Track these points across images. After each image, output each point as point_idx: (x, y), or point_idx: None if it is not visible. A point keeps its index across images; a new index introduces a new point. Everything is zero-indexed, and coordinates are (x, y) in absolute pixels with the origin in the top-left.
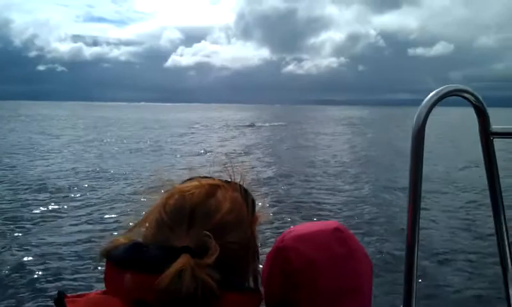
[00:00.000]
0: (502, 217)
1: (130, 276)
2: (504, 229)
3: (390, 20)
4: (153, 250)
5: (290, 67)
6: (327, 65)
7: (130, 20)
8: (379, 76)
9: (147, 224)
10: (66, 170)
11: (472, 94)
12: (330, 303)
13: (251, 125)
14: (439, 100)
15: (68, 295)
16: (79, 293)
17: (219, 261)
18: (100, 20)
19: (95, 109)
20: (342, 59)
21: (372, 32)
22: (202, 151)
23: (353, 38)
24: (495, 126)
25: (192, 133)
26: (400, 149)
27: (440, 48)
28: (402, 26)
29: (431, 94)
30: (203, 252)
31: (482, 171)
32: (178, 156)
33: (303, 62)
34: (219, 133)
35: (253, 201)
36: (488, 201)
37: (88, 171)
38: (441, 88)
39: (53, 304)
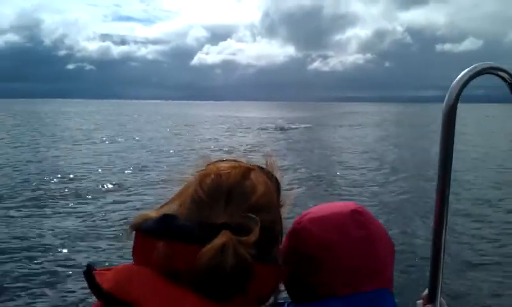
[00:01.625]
0: None
1: (164, 245)
2: None
3: (417, 16)
4: (190, 222)
5: (316, 64)
6: (353, 61)
7: (157, 18)
8: (407, 72)
9: (179, 203)
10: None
11: (507, 72)
12: (347, 285)
13: (281, 128)
14: (472, 78)
15: (97, 268)
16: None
17: (255, 239)
18: (128, 19)
19: (130, 106)
20: (369, 56)
21: (399, 28)
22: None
23: (380, 35)
24: None
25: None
26: (430, 153)
27: (468, 44)
28: (429, 22)
29: (464, 71)
30: (241, 230)
31: None
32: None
33: (329, 59)
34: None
35: (279, 187)
36: None
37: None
38: (474, 66)
39: (83, 277)
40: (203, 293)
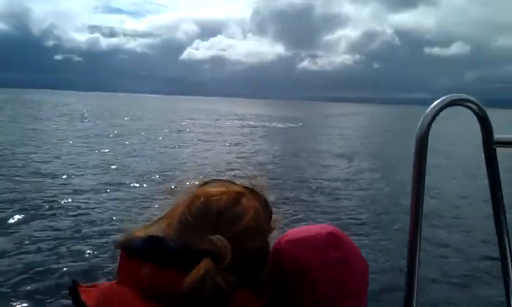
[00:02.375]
0: (504, 227)
1: (148, 268)
2: (506, 238)
3: (406, 18)
4: (174, 246)
5: (305, 63)
6: (342, 62)
7: (147, 11)
8: (395, 74)
9: (167, 222)
10: (85, 161)
11: (475, 104)
12: (325, 305)
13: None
14: (442, 109)
15: (82, 284)
16: (92, 283)
17: (238, 265)
18: (118, 11)
19: (122, 99)
20: (357, 57)
21: (388, 30)
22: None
23: (369, 36)
24: (498, 136)
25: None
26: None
27: (456, 48)
28: (418, 25)
29: (435, 103)
30: (224, 256)
31: (485, 181)
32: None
33: (318, 59)
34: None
35: (271, 213)
36: (490, 210)
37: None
38: (444, 97)
39: (67, 292)
40: None
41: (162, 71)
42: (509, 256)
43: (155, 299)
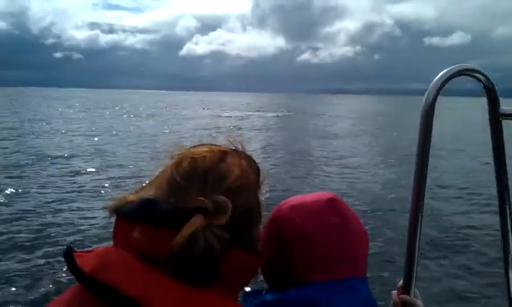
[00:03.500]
0: (507, 202)
1: (141, 229)
2: (509, 215)
3: (406, 9)
4: (166, 207)
5: (305, 56)
6: (342, 54)
7: (146, 7)
8: (395, 65)
9: (156, 186)
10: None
11: (482, 74)
12: (322, 271)
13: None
14: (449, 80)
15: (77, 250)
16: (87, 248)
17: (229, 223)
18: (117, 7)
19: (126, 95)
20: (358, 48)
21: (388, 21)
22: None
23: (369, 27)
24: (505, 108)
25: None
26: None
27: (456, 38)
28: (418, 16)
29: (441, 73)
30: (215, 213)
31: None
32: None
33: (318, 51)
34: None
35: (258, 169)
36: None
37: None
38: (451, 67)
39: (63, 258)
40: (181, 278)
41: (162, 67)
42: (510, 231)
43: (151, 260)
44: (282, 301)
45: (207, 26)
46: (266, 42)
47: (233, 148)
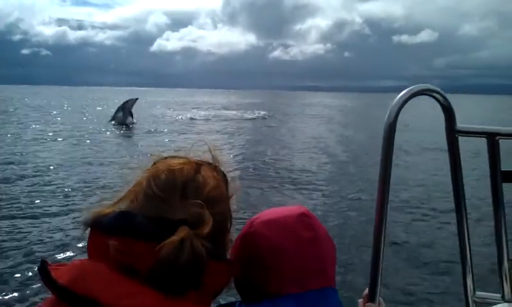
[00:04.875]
0: (463, 210)
1: (120, 242)
2: (465, 222)
3: (375, 7)
4: (144, 219)
5: (277, 53)
6: (313, 51)
7: (115, 3)
8: (365, 63)
9: (132, 198)
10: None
11: (440, 94)
12: (295, 284)
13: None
14: (409, 99)
15: (51, 263)
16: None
17: (209, 232)
18: (85, 3)
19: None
20: (329, 46)
21: (358, 19)
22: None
23: (339, 25)
24: (460, 125)
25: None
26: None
27: (424, 36)
28: (387, 14)
29: (401, 93)
30: (197, 223)
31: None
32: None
33: (289, 48)
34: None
35: (227, 181)
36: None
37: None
38: (411, 88)
39: (37, 271)
40: (159, 288)
41: (132, 64)
42: (467, 241)
43: (128, 271)
44: None
45: (178, 22)
46: (237, 39)
47: (205, 159)
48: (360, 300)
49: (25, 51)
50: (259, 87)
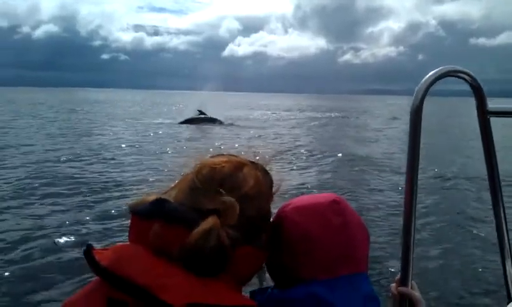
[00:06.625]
0: (499, 191)
1: (157, 226)
2: (501, 202)
3: (450, 9)
4: (179, 206)
5: (347, 56)
6: (385, 54)
7: (189, 9)
8: (440, 66)
9: (179, 189)
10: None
11: (469, 75)
12: (326, 270)
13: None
14: (436, 80)
15: (96, 248)
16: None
17: (240, 224)
18: (161, 10)
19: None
20: (401, 48)
21: (432, 21)
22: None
23: (413, 27)
24: (491, 106)
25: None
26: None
27: (504, 38)
28: (463, 15)
29: (429, 74)
30: (226, 213)
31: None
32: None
33: (360, 52)
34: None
35: (272, 182)
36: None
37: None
38: (439, 69)
39: (83, 255)
40: (191, 270)
41: (204, 68)
42: (503, 220)
43: (165, 255)
44: (286, 299)
45: (249, 28)
46: (307, 43)
47: (253, 160)
48: (392, 285)
49: (105, 56)
50: (329, 91)
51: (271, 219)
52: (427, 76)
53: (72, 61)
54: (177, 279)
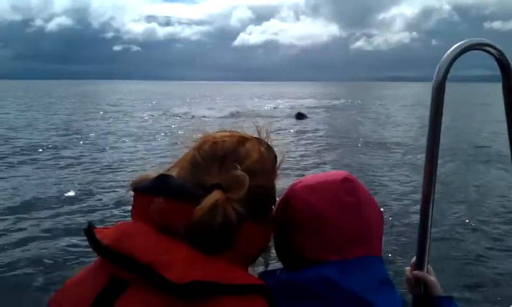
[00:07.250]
0: None
1: (160, 202)
2: None
3: None
4: (181, 182)
5: (360, 43)
6: (398, 40)
7: None
8: None
9: (180, 166)
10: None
11: (496, 49)
12: (336, 251)
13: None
14: (461, 54)
15: (97, 226)
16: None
17: (246, 198)
18: (173, 0)
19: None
20: (415, 34)
21: (446, 6)
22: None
23: (426, 13)
24: None
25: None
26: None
27: None
28: (477, 0)
29: (453, 47)
30: (233, 187)
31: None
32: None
33: (373, 38)
34: None
35: (275, 157)
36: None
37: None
38: (463, 42)
39: (84, 235)
40: (196, 246)
41: (216, 58)
42: None
43: (169, 232)
44: (296, 281)
45: (261, 16)
46: (320, 30)
47: (256, 135)
48: (407, 268)
49: (117, 48)
50: (342, 78)
51: (281, 197)
52: (450, 50)
53: (85, 53)
54: (181, 257)
